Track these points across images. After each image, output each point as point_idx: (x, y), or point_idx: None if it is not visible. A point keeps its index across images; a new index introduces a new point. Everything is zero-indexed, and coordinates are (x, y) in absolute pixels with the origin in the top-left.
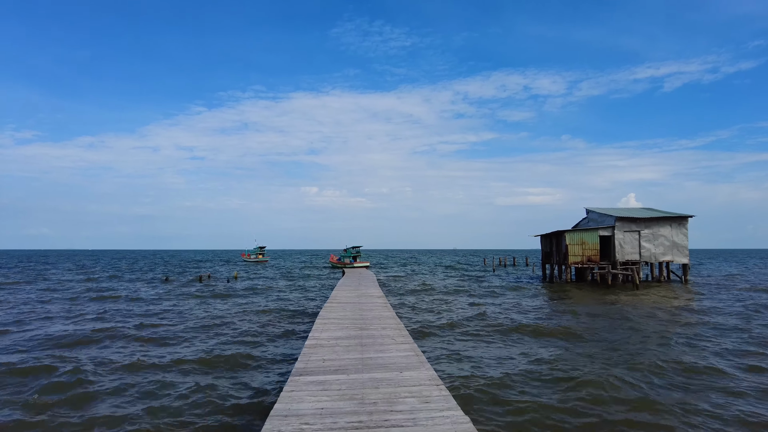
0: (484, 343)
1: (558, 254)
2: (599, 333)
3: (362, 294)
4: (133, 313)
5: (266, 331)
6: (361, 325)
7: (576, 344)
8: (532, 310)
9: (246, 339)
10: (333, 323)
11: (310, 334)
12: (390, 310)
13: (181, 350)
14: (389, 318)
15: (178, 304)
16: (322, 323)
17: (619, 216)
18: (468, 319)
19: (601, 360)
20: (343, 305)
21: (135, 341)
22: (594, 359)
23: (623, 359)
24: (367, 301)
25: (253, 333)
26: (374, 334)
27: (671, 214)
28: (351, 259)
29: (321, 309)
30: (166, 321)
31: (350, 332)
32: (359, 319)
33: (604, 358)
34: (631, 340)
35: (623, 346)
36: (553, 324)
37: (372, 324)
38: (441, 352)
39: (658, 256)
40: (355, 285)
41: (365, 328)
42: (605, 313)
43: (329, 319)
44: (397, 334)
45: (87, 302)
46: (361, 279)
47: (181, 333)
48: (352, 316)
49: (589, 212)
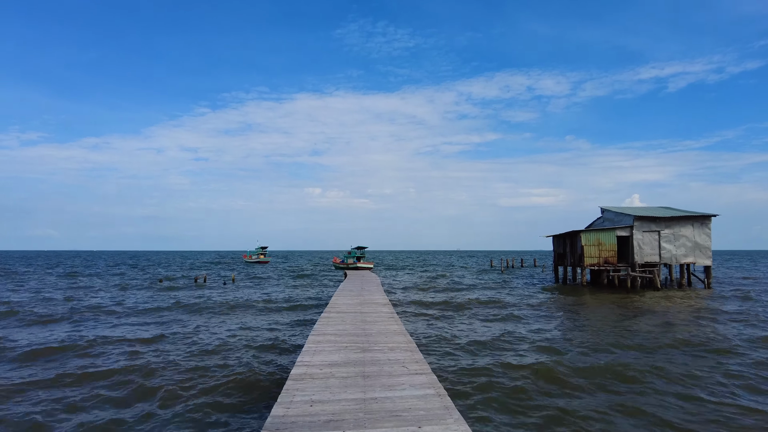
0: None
1: (572, 255)
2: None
3: (365, 301)
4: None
5: (241, 345)
6: (363, 343)
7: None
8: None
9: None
10: (329, 341)
11: (300, 358)
12: (398, 322)
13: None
14: (397, 333)
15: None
16: (316, 341)
17: (638, 215)
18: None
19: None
20: (343, 316)
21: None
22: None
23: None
24: (371, 310)
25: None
26: (380, 358)
27: (693, 213)
28: (355, 260)
29: (317, 321)
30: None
31: (349, 355)
32: (361, 335)
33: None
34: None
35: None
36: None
37: (377, 342)
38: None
39: (680, 258)
40: (358, 289)
41: (368, 349)
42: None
43: (325, 335)
44: (408, 358)
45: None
46: (364, 282)
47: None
48: (352, 330)
49: (604, 211)
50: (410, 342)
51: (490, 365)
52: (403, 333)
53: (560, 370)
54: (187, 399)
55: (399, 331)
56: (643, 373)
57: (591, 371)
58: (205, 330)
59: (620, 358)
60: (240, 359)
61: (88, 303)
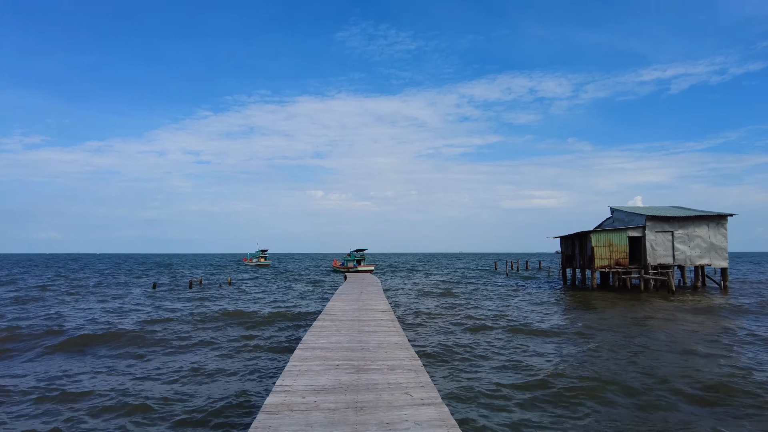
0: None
1: (582, 257)
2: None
3: (363, 307)
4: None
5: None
6: (358, 360)
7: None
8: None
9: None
10: (318, 357)
11: (279, 381)
12: (400, 332)
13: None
14: (399, 347)
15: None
16: (302, 357)
17: (651, 215)
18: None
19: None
20: (338, 325)
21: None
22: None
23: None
24: (370, 317)
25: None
26: (378, 381)
27: (709, 213)
28: (355, 263)
29: (308, 330)
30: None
31: (341, 376)
32: (357, 349)
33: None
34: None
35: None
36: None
37: (375, 359)
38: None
39: (694, 259)
40: (357, 294)
41: (364, 368)
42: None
43: (314, 350)
44: (412, 381)
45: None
46: (364, 286)
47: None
48: (347, 343)
49: (614, 211)
50: (414, 358)
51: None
52: (405, 347)
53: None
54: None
55: (401, 344)
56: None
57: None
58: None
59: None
60: (209, 390)
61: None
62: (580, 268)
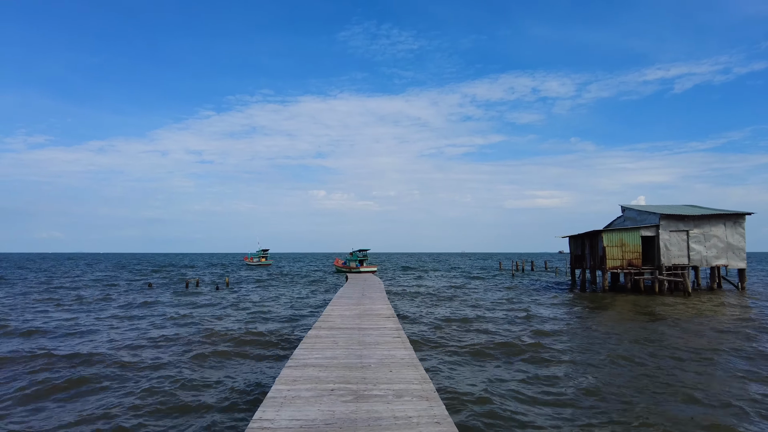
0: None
1: (593, 258)
2: None
3: (365, 312)
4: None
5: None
6: (357, 382)
7: None
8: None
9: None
10: (309, 379)
11: (257, 414)
12: (406, 344)
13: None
14: (407, 365)
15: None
16: (291, 379)
17: (665, 213)
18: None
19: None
20: (335, 334)
21: None
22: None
23: None
24: (372, 324)
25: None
26: (380, 415)
27: (725, 212)
28: (357, 263)
29: (301, 341)
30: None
31: (335, 406)
32: (356, 367)
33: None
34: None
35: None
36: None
37: (377, 380)
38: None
39: (710, 260)
40: (358, 296)
41: (364, 395)
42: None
43: (305, 367)
44: (424, 413)
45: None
46: (366, 288)
47: None
48: (344, 358)
49: (625, 210)
50: (425, 380)
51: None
52: (414, 365)
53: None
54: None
55: (409, 360)
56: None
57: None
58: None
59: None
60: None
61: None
62: (590, 269)
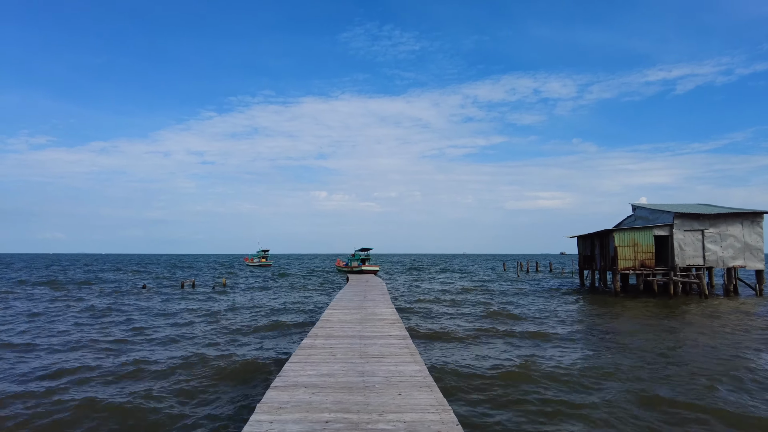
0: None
1: (603, 258)
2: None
3: (367, 317)
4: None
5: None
6: (358, 410)
7: None
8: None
9: None
10: (299, 405)
11: None
12: (416, 357)
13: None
14: (418, 386)
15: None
16: (276, 404)
17: (679, 212)
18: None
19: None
20: (333, 344)
21: None
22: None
23: None
24: (375, 332)
25: None
26: None
27: (743, 210)
28: (359, 263)
29: (293, 353)
30: None
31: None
32: (357, 388)
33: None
34: None
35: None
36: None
37: (383, 407)
38: None
39: (727, 261)
40: (359, 299)
41: (367, 427)
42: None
43: (296, 388)
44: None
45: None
46: (368, 289)
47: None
48: (343, 376)
49: (636, 208)
50: (443, 407)
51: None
52: (427, 385)
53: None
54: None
55: (421, 379)
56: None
57: None
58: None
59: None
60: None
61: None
62: (600, 270)
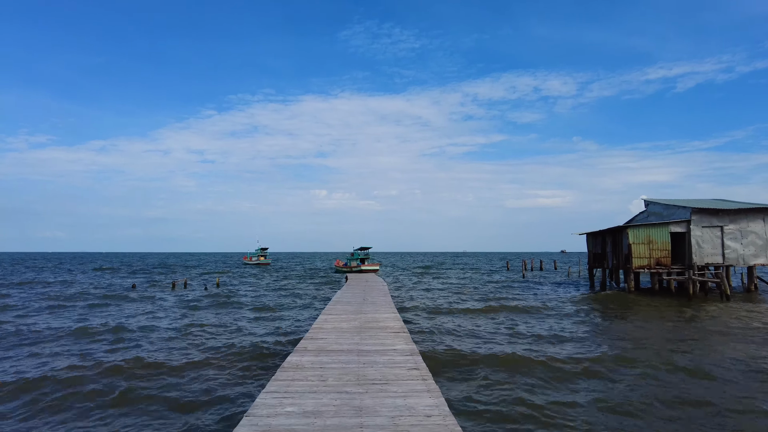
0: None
1: (615, 256)
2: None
3: (367, 323)
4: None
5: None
6: None
7: None
8: None
9: None
10: None
11: None
12: (428, 383)
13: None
14: (436, 427)
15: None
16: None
17: (696, 207)
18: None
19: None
20: (325, 362)
21: None
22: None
23: None
24: (376, 344)
25: None
26: None
27: (764, 206)
28: (359, 262)
29: (272, 377)
30: None
31: None
32: (354, 429)
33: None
34: None
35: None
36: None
37: None
38: None
39: (748, 259)
40: (358, 301)
41: None
42: None
43: (276, 427)
44: None
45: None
46: (368, 291)
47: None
48: (333, 414)
49: (648, 204)
50: None
51: None
52: (446, 425)
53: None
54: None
55: (440, 421)
56: None
57: None
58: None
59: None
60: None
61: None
62: (612, 269)
